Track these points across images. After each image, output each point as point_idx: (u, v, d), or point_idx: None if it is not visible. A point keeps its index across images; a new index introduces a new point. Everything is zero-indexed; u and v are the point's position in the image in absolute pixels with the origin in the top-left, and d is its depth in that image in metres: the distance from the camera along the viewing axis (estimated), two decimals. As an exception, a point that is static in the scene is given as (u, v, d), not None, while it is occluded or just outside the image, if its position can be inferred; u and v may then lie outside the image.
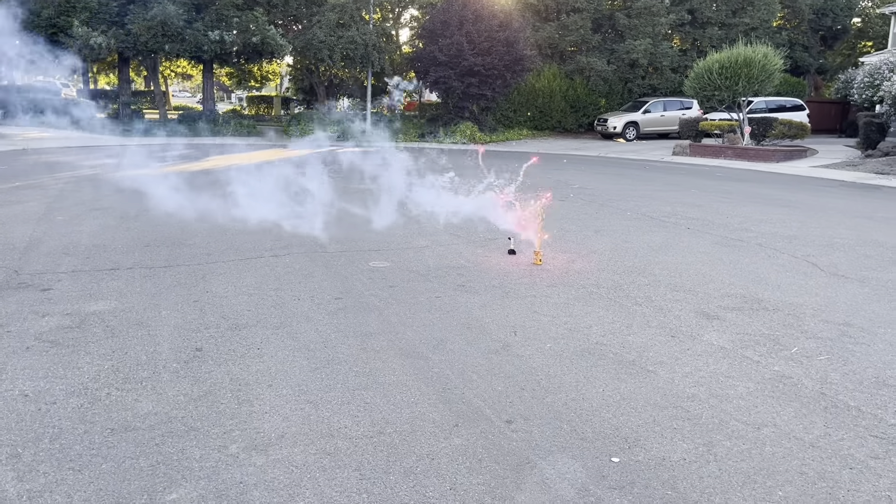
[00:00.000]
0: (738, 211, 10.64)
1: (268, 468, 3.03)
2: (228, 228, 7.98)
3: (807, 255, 7.54)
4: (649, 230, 8.83)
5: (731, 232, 8.78)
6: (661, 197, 12.17)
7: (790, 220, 9.81)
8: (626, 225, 9.18)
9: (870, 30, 38.51)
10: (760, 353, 4.57)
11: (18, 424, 3.34)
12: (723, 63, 20.22)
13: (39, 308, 5.06)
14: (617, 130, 28.27)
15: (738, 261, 7.20)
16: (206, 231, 7.87)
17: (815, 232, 8.93)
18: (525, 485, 2.97)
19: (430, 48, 26.58)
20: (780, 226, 9.33)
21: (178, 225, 8.19)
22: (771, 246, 7.95)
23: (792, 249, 7.79)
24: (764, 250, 7.72)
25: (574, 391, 3.92)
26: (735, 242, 8.12)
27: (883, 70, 20.26)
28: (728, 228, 9.03)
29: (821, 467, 3.16)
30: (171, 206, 8.95)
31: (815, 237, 8.56)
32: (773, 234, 8.71)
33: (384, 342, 4.61)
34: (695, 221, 9.55)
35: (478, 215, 8.31)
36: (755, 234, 8.69)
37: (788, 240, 8.33)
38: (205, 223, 8.25)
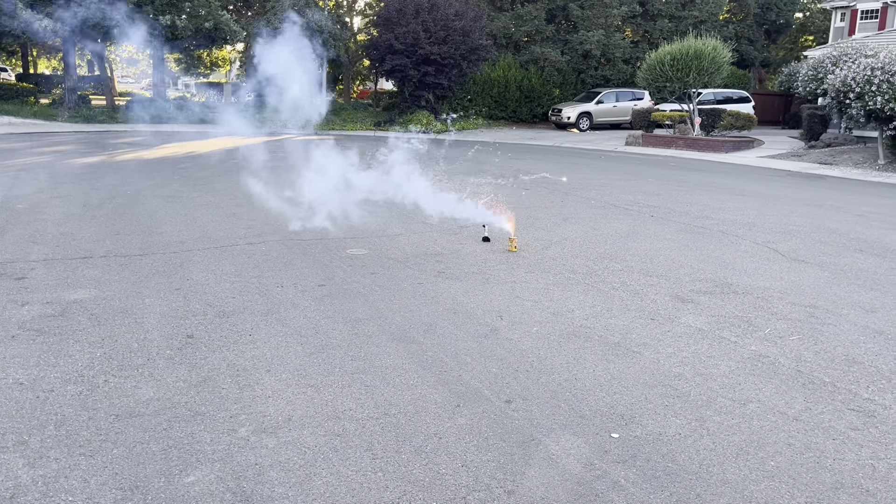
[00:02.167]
0: (696, 199, 10.97)
1: (280, 450, 3.07)
2: (196, 216, 7.88)
3: (767, 241, 7.85)
4: (615, 218, 9.05)
5: (692, 220, 9.06)
6: (620, 186, 12.44)
7: (746, 209, 10.17)
8: (592, 213, 9.38)
9: (811, 24, 39.82)
10: (736, 334, 4.79)
11: (19, 412, 3.30)
12: (674, 55, 20.68)
13: (17, 297, 4.95)
14: (571, 121, 28.63)
15: (704, 247, 7.46)
16: (175, 219, 7.76)
17: (770, 220, 9.28)
18: (533, 460, 3.08)
19: (386, 36, 26.44)
20: (737, 213, 9.67)
21: (145, 213, 8.05)
22: (732, 233, 8.25)
23: (752, 236, 8.09)
24: (726, 237, 8.01)
25: (566, 372, 4.05)
26: (698, 230, 8.40)
27: (826, 64, 21.01)
28: (689, 216, 9.32)
29: (806, 439, 3.35)
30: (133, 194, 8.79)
31: (772, 224, 8.90)
32: (733, 221, 9.03)
33: (374, 327, 4.67)
34: (657, 210, 9.82)
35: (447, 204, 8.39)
36: (716, 221, 8.99)
37: (748, 227, 8.65)
38: (171, 211, 8.12)
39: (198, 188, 9.25)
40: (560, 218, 8.94)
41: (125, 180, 9.62)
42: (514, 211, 7.74)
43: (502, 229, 7.51)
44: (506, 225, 7.47)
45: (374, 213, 8.45)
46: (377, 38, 27.48)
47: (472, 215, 8.00)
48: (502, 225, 7.54)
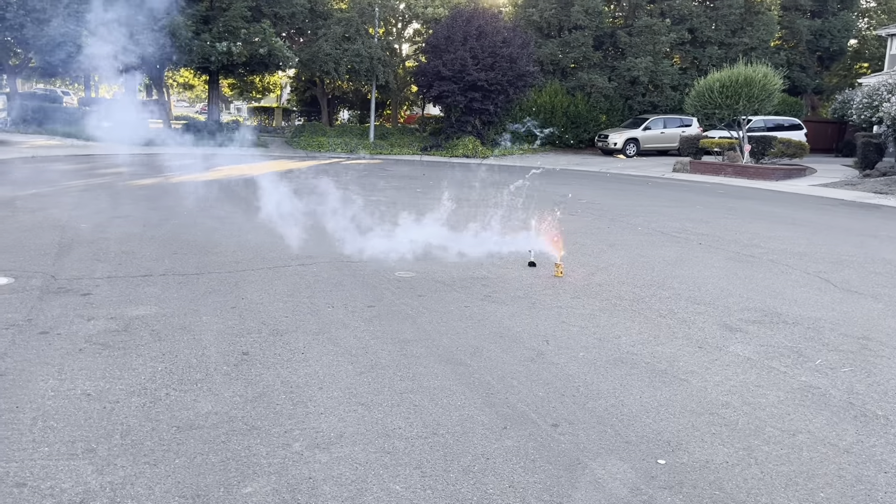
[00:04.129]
0: (746, 227, 10.85)
1: (333, 465, 3.18)
2: (252, 237, 8.12)
3: (818, 271, 7.73)
4: (662, 245, 9.02)
5: (742, 248, 8.97)
6: (667, 213, 12.38)
7: (797, 238, 10.02)
8: (639, 239, 9.36)
9: (866, 51, 39.07)
10: (786, 364, 4.74)
11: (87, 421, 3.48)
12: (724, 82, 20.54)
13: (84, 312, 5.19)
14: (618, 147, 28.56)
15: (753, 276, 7.39)
16: (229, 239, 8.01)
17: (822, 249, 9.13)
18: (579, 483, 3.12)
19: (434, 63, 26.86)
20: (788, 243, 9.53)
21: (202, 233, 8.33)
22: (783, 262, 8.15)
23: (803, 266, 7.98)
24: (776, 266, 7.92)
25: (613, 398, 4.07)
26: (747, 258, 8.32)
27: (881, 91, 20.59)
28: (739, 244, 9.23)
29: (857, 471, 3.32)
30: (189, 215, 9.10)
31: (824, 254, 8.76)
32: (783, 250, 8.91)
33: (422, 349, 4.76)
34: (705, 237, 9.75)
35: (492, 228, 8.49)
36: (765, 250, 8.89)
37: (799, 256, 8.53)
38: (225, 232, 8.38)
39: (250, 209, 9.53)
40: (606, 244, 8.94)
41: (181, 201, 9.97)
42: (560, 236, 7.79)
43: (548, 255, 7.56)
44: (552, 250, 7.52)
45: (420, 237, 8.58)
46: (425, 64, 27.94)
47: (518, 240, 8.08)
48: (548, 250, 7.59)
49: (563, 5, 30.35)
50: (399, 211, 9.61)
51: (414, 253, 7.75)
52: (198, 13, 24.04)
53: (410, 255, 7.65)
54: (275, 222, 8.69)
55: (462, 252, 7.80)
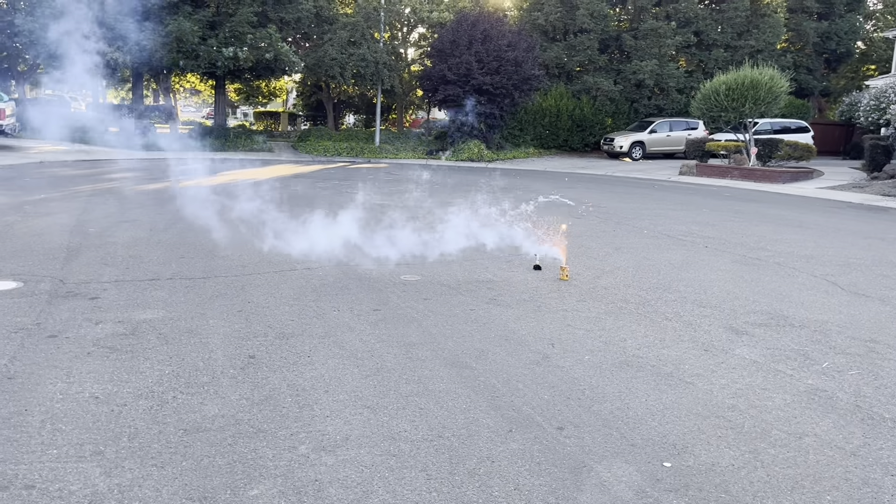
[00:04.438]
0: (752, 230, 10.83)
1: (339, 467, 3.19)
2: (255, 241, 8.15)
3: (826, 274, 7.71)
4: (668, 248, 9.01)
5: (748, 251, 8.96)
6: (673, 216, 12.36)
7: (805, 241, 9.99)
8: (644, 243, 9.36)
9: (873, 53, 38.95)
10: (792, 367, 4.73)
11: (95, 424, 3.50)
12: (729, 85, 20.52)
13: (91, 316, 5.23)
14: (623, 150, 28.54)
15: (759, 279, 7.37)
16: (235, 243, 8.04)
17: (830, 252, 9.11)
18: (585, 486, 3.13)
19: (440, 66, 26.92)
20: (795, 245, 9.51)
21: (207, 237, 8.36)
22: (789, 265, 8.13)
23: (810, 269, 7.96)
24: (783, 269, 7.90)
25: (618, 400, 4.07)
26: (754, 261, 8.30)
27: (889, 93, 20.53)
28: (745, 247, 9.21)
29: (864, 474, 3.31)
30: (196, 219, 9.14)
31: (831, 257, 8.73)
32: (790, 253, 8.89)
33: (428, 352, 4.77)
34: (711, 240, 9.73)
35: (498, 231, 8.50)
36: (772, 253, 8.87)
37: (806, 259, 8.51)
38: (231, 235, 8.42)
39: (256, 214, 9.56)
40: (612, 247, 8.94)
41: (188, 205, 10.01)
42: (565, 239, 7.79)
43: (554, 258, 7.56)
44: (557, 253, 7.52)
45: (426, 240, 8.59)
46: (431, 68, 28.01)
47: (523, 243, 8.09)
48: (554, 253, 7.60)
49: (568, 9, 30.38)
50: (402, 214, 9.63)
51: (419, 256, 7.76)
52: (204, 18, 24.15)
53: (415, 259, 7.66)
54: (281, 226, 8.72)
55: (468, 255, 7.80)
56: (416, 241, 8.38)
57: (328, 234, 8.41)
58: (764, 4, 31.73)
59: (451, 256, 7.86)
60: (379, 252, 7.80)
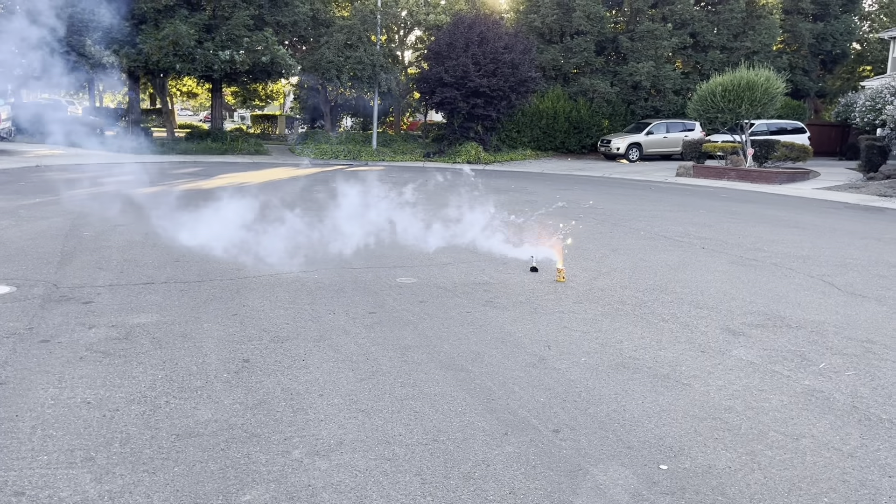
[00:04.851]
0: (749, 231, 10.82)
1: (333, 472, 3.16)
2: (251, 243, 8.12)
3: (822, 274, 7.70)
4: (665, 249, 8.99)
5: (745, 252, 8.94)
6: (670, 217, 12.35)
7: (801, 241, 9.99)
8: (641, 244, 9.34)
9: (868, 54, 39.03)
10: (789, 368, 4.72)
11: (87, 430, 3.47)
12: (726, 86, 20.51)
13: (85, 320, 5.19)
14: (620, 151, 28.53)
15: (756, 280, 7.36)
16: (231, 246, 8.01)
17: (826, 252, 9.10)
18: (581, 490, 3.10)
19: (436, 69, 26.89)
20: (792, 246, 9.50)
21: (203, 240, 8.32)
22: (786, 266, 8.11)
23: (807, 269, 7.95)
24: (780, 269, 7.88)
25: (615, 403, 4.05)
26: (750, 262, 8.29)
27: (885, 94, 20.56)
28: (742, 248, 9.20)
29: (861, 476, 3.29)
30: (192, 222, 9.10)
31: (828, 257, 8.72)
32: (787, 254, 8.88)
33: (423, 355, 4.75)
34: (708, 241, 9.72)
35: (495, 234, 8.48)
36: (769, 253, 8.86)
37: (802, 260, 8.50)
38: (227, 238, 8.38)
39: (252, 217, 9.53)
40: (609, 249, 8.92)
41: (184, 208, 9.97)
42: (562, 241, 7.77)
43: (550, 259, 7.54)
44: (554, 255, 7.50)
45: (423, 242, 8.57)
46: (427, 71, 27.97)
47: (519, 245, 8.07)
48: (550, 255, 7.58)
49: (564, 11, 30.38)
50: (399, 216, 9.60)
51: (415, 258, 7.74)
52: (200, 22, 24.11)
53: (411, 261, 7.63)
54: (278, 229, 8.69)
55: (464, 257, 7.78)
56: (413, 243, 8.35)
57: (324, 236, 8.39)
58: (759, 6, 31.77)
59: (447, 258, 7.84)
60: (375, 254, 7.77)
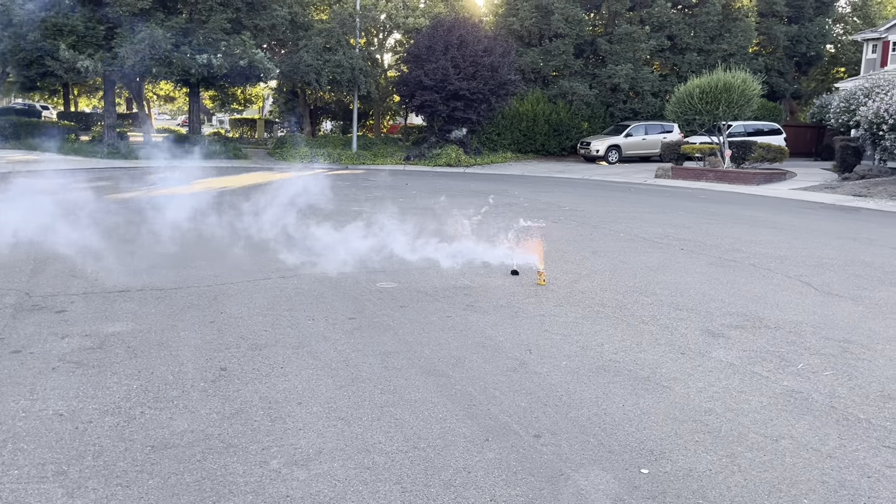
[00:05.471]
0: (727, 232, 10.90)
1: (311, 482, 3.11)
2: (232, 250, 8.04)
3: (799, 274, 7.76)
4: (644, 251, 9.03)
5: (723, 253, 9.00)
6: (650, 219, 12.41)
7: (779, 242, 10.07)
8: (621, 246, 9.37)
9: (842, 56, 39.55)
10: (768, 368, 4.74)
11: (59, 443, 3.39)
12: (703, 88, 20.70)
13: (58, 329, 5.10)
14: (600, 154, 28.69)
15: (735, 281, 7.40)
16: (208, 252, 7.92)
17: (803, 253, 9.18)
18: (562, 496, 3.08)
19: (416, 72, 26.89)
20: (769, 247, 9.58)
21: (180, 246, 8.23)
22: (764, 266, 8.17)
23: (784, 269, 8.01)
24: (758, 270, 7.94)
25: (595, 406, 4.04)
26: (729, 263, 8.34)
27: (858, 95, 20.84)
28: (720, 249, 9.26)
29: (840, 476, 3.30)
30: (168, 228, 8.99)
31: (805, 258, 8.80)
32: (765, 254, 8.94)
33: (404, 361, 4.71)
34: (687, 242, 9.77)
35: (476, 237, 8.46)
36: (747, 254, 8.92)
37: (780, 260, 8.57)
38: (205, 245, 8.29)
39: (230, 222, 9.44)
40: (589, 251, 8.94)
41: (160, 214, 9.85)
42: (542, 244, 7.77)
43: (531, 263, 7.53)
44: (534, 258, 7.49)
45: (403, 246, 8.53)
46: (407, 74, 27.97)
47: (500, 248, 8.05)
48: (531, 258, 7.57)
49: (543, 14, 30.50)
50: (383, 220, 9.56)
51: (395, 263, 7.69)
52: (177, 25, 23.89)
53: (392, 265, 7.59)
54: (255, 235, 8.62)
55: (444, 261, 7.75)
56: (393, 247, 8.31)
57: (303, 241, 8.32)
58: (735, 9, 32.11)
59: (427, 262, 7.80)
60: (355, 259, 7.72)
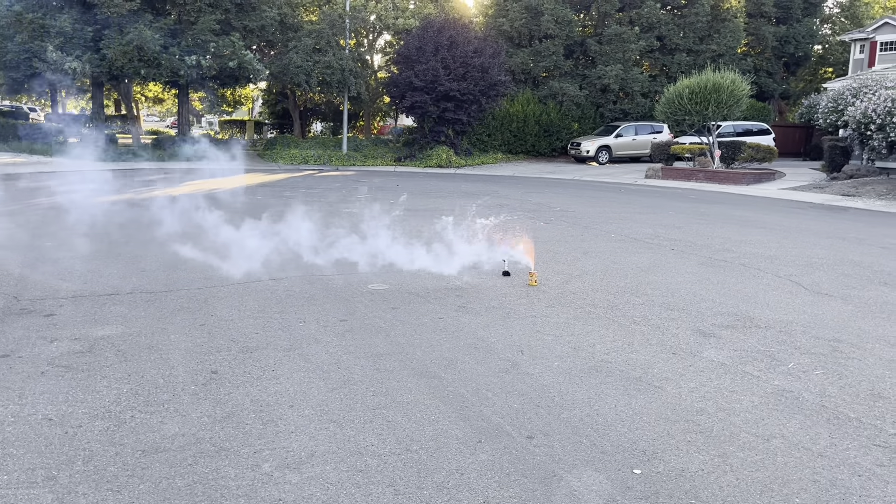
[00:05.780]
0: (717, 232, 10.94)
1: (304, 486, 3.10)
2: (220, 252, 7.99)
3: (789, 274, 7.80)
4: (635, 251, 9.05)
5: (714, 253, 9.04)
6: (640, 219, 12.44)
7: (768, 241, 10.12)
8: (612, 247, 9.39)
9: (830, 56, 39.82)
10: (759, 368, 4.76)
11: (48, 448, 3.36)
12: (693, 88, 20.78)
13: (46, 333, 5.06)
14: (590, 154, 28.76)
15: (725, 280, 7.43)
16: (199, 254, 7.88)
17: (793, 252, 9.23)
18: (555, 497, 3.08)
19: (406, 73, 26.87)
20: (759, 246, 9.62)
21: (169, 249, 8.18)
22: (754, 266, 8.21)
23: (774, 269, 8.05)
24: (748, 270, 7.97)
25: (588, 407, 4.04)
26: (719, 263, 8.37)
27: (846, 95, 20.97)
28: (711, 249, 9.29)
29: (831, 475, 3.32)
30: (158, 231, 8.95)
31: (794, 257, 8.84)
32: (755, 254, 8.98)
33: (396, 363, 4.70)
34: (677, 243, 9.80)
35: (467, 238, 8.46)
36: (737, 254, 8.96)
37: (770, 260, 8.61)
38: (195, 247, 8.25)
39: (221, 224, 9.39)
40: (580, 252, 8.95)
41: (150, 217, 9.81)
42: (534, 245, 7.77)
43: (522, 264, 7.54)
44: (526, 259, 7.50)
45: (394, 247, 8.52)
46: (397, 75, 27.94)
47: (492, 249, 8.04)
48: (522, 259, 7.57)
49: (533, 15, 30.55)
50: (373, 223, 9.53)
51: (387, 265, 7.68)
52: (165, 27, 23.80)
53: (383, 267, 7.58)
54: (245, 237, 8.58)
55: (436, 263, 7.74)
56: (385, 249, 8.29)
57: (294, 243, 8.29)
58: (724, 10, 32.27)
59: (419, 263, 7.79)
60: (346, 261, 7.70)
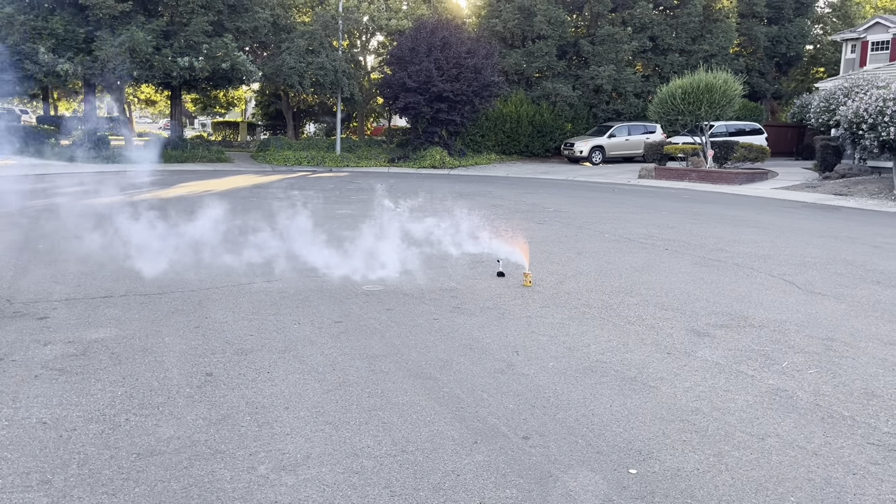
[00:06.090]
0: (711, 232, 10.97)
1: (300, 488, 3.10)
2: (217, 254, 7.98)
3: (782, 273, 7.83)
4: (629, 251, 9.07)
5: (707, 252, 9.06)
6: (634, 219, 12.47)
7: (761, 241, 10.16)
8: (606, 247, 9.41)
9: (822, 56, 39.99)
10: (754, 367, 4.77)
11: (43, 451, 3.35)
12: (685, 88, 20.84)
13: (40, 336, 5.04)
14: (583, 154, 28.80)
15: (719, 280, 7.46)
16: (194, 257, 7.86)
17: (786, 251, 9.26)
18: (551, 497, 3.08)
19: (399, 74, 26.86)
20: (752, 246, 9.66)
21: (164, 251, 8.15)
22: (747, 265, 8.24)
23: (768, 268, 8.08)
24: (742, 269, 8.00)
25: (583, 407, 4.05)
26: (713, 262, 8.40)
27: (838, 95, 21.05)
28: (704, 249, 9.32)
29: (826, 474, 3.33)
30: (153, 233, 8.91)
31: (788, 256, 8.88)
32: (748, 253, 9.02)
33: (391, 364, 4.70)
34: (671, 243, 9.83)
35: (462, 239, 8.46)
36: (731, 254, 8.99)
37: (763, 259, 8.64)
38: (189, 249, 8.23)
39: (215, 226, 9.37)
40: (574, 252, 8.97)
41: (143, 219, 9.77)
42: (528, 245, 7.78)
43: (517, 264, 7.55)
44: (520, 259, 7.51)
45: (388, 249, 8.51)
46: (390, 76, 27.93)
47: (486, 250, 8.06)
48: (517, 259, 7.58)
49: (525, 15, 30.59)
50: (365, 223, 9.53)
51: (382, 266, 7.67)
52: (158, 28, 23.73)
53: (378, 269, 7.57)
54: (240, 239, 8.57)
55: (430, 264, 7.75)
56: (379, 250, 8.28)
57: (288, 245, 8.28)
58: (716, 10, 32.38)
59: (414, 265, 7.79)
60: (341, 262, 7.69)
